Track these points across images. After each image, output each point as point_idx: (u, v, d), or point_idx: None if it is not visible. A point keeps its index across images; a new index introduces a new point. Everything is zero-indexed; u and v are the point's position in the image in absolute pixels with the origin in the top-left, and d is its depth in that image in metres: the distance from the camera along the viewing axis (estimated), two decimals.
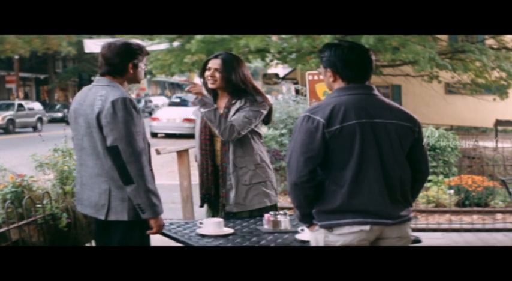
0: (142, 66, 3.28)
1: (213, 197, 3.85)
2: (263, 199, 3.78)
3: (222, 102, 3.84)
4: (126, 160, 3.01)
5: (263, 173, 3.80)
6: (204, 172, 3.86)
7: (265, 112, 3.81)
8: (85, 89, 3.29)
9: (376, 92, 2.82)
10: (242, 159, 3.75)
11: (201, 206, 3.98)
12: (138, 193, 3.03)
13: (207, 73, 3.80)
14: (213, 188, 3.83)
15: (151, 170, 3.24)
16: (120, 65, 3.18)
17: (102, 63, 3.21)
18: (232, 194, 3.75)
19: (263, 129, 4.41)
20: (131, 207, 3.09)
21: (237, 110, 3.74)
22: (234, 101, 3.79)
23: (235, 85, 3.77)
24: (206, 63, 3.86)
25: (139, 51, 3.24)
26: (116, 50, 3.18)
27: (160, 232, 3.19)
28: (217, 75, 3.77)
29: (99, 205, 3.15)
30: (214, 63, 3.79)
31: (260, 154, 3.81)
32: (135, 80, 3.27)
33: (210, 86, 3.80)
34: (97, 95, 3.12)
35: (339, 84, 2.80)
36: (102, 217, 3.15)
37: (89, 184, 3.19)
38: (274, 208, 3.82)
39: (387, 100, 2.84)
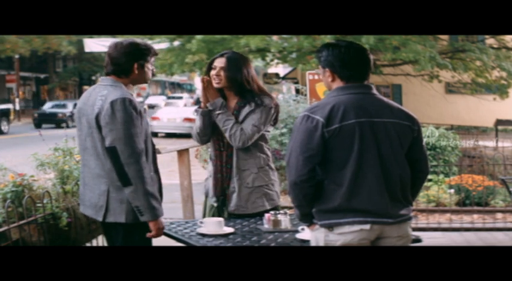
0: (150, 67, 3.24)
1: (224, 199, 3.84)
2: (265, 203, 3.75)
3: (232, 103, 3.81)
4: (124, 161, 2.97)
5: (266, 176, 3.77)
6: (219, 173, 3.82)
7: (273, 116, 3.80)
8: (90, 89, 3.27)
9: (375, 91, 2.82)
10: (245, 161, 3.73)
11: (216, 206, 3.96)
12: (137, 195, 3.00)
13: (213, 72, 3.78)
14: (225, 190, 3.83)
15: (157, 171, 3.24)
16: (125, 65, 3.15)
17: (107, 63, 3.19)
18: (234, 196, 3.74)
19: None
20: (130, 209, 3.06)
21: (246, 116, 3.72)
22: (242, 103, 3.76)
23: (241, 85, 3.74)
24: (212, 62, 3.83)
25: (146, 52, 3.21)
26: (123, 49, 3.16)
27: (160, 235, 3.15)
28: (222, 73, 3.73)
29: (98, 206, 3.12)
30: (220, 62, 3.76)
31: (264, 157, 3.79)
32: (141, 80, 3.24)
33: (215, 85, 3.77)
34: (98, 95, 3.10)
35: (338, 83, 2.80)
36: (100, 219, 3.13)
37: (91, 185, 3.17)
38: (277, 209, 3.81)
39: (386, 99, 2.84)
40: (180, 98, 51.04)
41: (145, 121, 3.16)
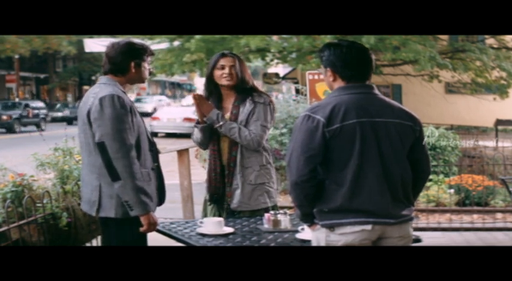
0: (146, 66, 3.32)
1: (219, 196, 3.87)
2: (266, 200, 3.82)
3: (228, 102, 3.87)
4: (112, 156, 3.03)
5: (267, 174, 3.84)
6: (212, 171, 3.88)
7: (273, 112, 3.87)
8: (90, 88, 3.35)
9: (376, 91, 2.82)
10: (248, 159, 3.79)
11: (210, 204, 3.99)
12: (125, 190, 3.05)
13: (222, 71, 3.81)
14: (221, 188, 3.85)
15: (154, 168, 3.27)
16: (122, 64, 3.24)
17: (105, 62, 3.28)
18: (238, 193, 3.79)
19: None
20: (119, 204, 3.11)
21: (249, 114, 3.77)
22: (240, 101, 3.81)
23: (246, 82, 3.84)
24: (216, 62, 3.85)
25: (142, 51, 3.29)
26: (119, 49, 3.24)
27: (152, 230, 3.18)
28: (234, 72, 3.81)
29: (91, 201, 3.19)
30: (229, 61, 3.83)
31: (265, 155, 3.85)
32: (138, 79, 3.32)
33: (226, 83, 3.81)
34: (92, 92, 3.20)
35: (339, 83, 2.80)
36: (93, 213, 3.20)
37: (86, 180, 3.26)
38: (275, 207, 3.85)
39: (387, 99, 2.84)
40: (149, 100, 41.42)
41: (138, 119, 3.22)
